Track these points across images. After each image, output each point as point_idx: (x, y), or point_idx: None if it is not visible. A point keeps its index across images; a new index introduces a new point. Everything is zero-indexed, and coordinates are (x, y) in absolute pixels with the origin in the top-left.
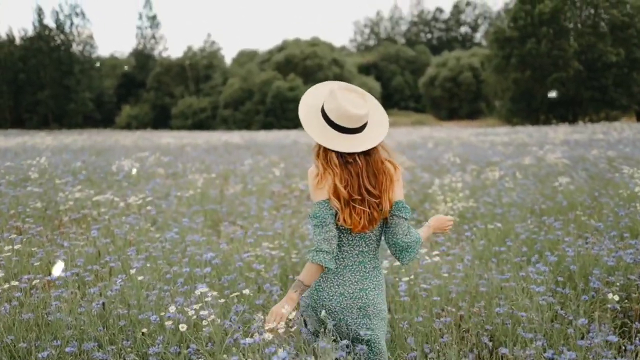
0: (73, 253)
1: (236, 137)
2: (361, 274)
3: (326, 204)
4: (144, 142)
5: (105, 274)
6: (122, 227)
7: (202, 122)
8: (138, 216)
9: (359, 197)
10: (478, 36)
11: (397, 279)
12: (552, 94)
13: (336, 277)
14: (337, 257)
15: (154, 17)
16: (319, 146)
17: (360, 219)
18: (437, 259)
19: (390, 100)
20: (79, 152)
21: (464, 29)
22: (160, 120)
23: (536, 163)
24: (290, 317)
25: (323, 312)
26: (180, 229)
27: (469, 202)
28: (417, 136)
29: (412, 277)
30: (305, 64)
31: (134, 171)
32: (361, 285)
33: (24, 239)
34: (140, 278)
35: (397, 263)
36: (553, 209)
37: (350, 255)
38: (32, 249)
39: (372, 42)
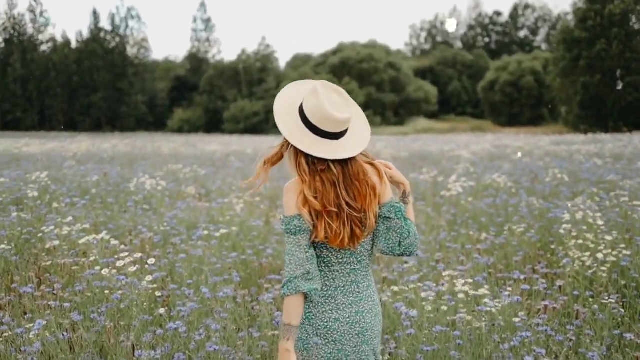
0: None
1: None
2: (355, 295)
3: (297, 218)
4: (187, 149)
5: None
6: (103, 300)
7: (254, 127)
8: (141, 272)
9: (335, 210)
10: (538, 40)
11: None
12: None
13: (328, 301)
14: (327, 278)
15: (208, 20)
16: (286, 149)
17: (340, 232)
18: None
19: (448, 106)
20: (106, 162)
21: (523, 33)
22: (213, 124)
23: None
24: None
25: (315, 339)
26: (196, 306)
27: (620, 250)
28: (490, 145)
29: None
30: (360, 67)
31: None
32: (357, 307)
33: None
34: None
35: None
36: None
37: (342, 274)
38: None
39: (427, 46)
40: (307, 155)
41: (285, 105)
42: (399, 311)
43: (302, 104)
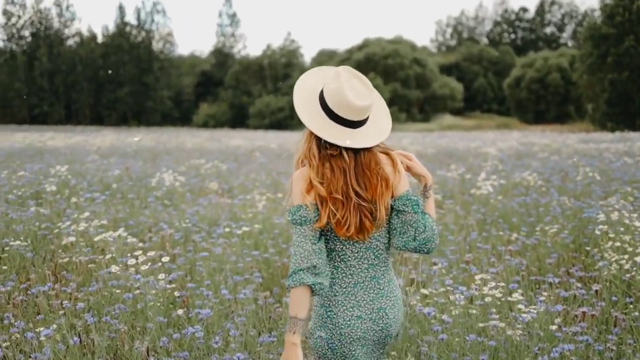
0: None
1: None
2: (375, 291)
3: (303, 208)
4: (211, 144)
5: None
6: (118, 300)
7: (279, 122)
8: (159, 270)
9: (342, 198)
10: (565, 36)
11: None
12: None
13: (348, 299)
14: (344, 274)
15: (233, 15)
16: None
17: (346, 221)
18: None
19: (473, 102)
20: (130, 156)
21: (549, 29)
22: (238, 119)
23: None
24: None
25: (319, 333)
26: (211, 313)
27: None
28: (517, 142)
29: None
30: (385, 62)
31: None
32: (378, 304)
33: None
34: None
35: None
36: None
37: (360, 270)
38: None
39: (453, 42)
40: (319, 140)
41: (306, 89)
42: (430, 316)
43: (322, 89)
